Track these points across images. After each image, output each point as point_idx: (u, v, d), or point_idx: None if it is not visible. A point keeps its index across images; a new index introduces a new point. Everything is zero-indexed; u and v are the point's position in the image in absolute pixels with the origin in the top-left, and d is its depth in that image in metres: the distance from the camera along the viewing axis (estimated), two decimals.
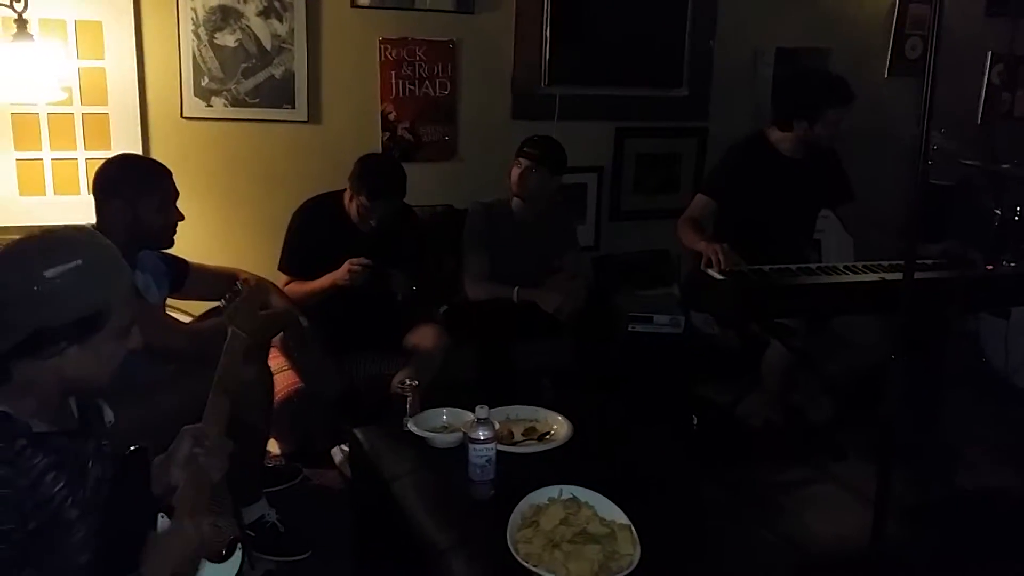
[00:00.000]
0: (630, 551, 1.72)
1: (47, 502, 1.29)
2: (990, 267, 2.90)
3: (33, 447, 1.29)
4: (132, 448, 1.57)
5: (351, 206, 3.00)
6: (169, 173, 2.47)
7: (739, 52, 4.26)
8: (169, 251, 2.56)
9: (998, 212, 3.53)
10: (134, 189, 2.37)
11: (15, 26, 2.72)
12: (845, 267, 2.85)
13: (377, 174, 2.98)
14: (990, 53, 4.67)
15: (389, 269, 2.99)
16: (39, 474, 1.28)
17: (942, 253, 2.89)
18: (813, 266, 2.90)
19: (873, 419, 1.77)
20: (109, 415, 1.55)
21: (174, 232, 2.49)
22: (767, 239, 2.97)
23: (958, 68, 4.29)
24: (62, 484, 1.31)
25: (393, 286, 3.01)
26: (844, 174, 3.24)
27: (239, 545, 1.54)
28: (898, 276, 2.58)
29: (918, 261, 2.21)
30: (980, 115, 4.76)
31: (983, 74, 4.71)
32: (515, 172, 3.25)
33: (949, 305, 2.78)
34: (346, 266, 2.88)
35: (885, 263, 2.84)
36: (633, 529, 1.78)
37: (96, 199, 2.40)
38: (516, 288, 3.20)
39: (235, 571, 1.51)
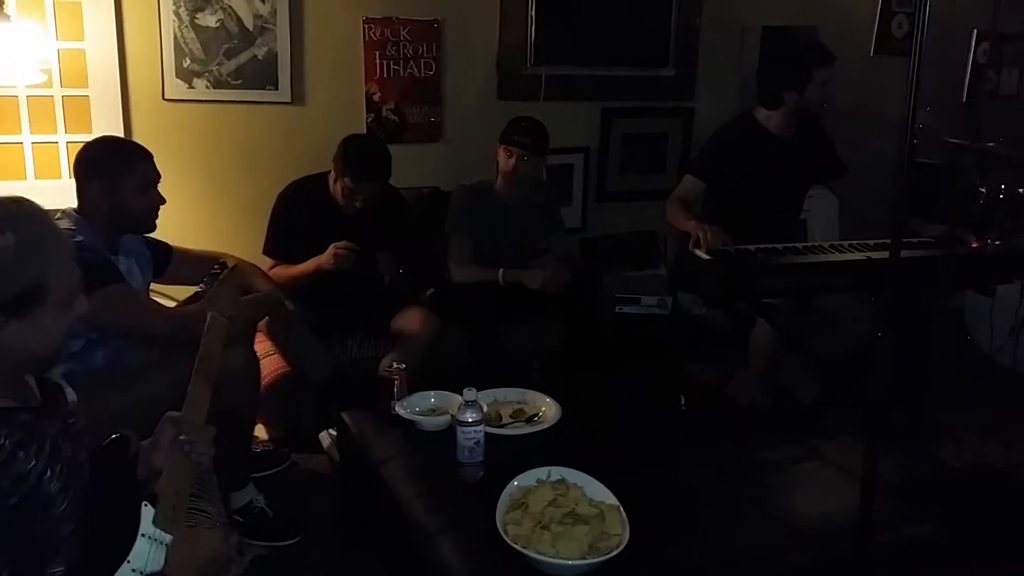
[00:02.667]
0: (619, 531, 1.73)
1: (23, 477, 1.27)
2: (975, 245, 2.91)
3: None
4: (113, 436, 1.56)
5: (336, 188, 2.97)
6: (150, 156, 2.44)
7: (726, 31, 4.24)
8: (152, 235, 2.53)
9: (983, 190, 3.54)
10: (114, 172, 2.34)
11: None
12: (831, 246, 2.85)
13: (362, 155, 2.95)
14: (975, 31, 4.67)
15: (375, 252, 2.97)
16: (10, 452, 1.27)
17: (930, 233, 2.90)
18: (799, 245, 2.90)
19: (859, 397, 1.77)
20: (71, 394, 1.53)
21: (156, 216, 2.45)
22: (755, 219, 2.97)
23: (944, 46, 4.29)
24: (34, 460, 1.29)
25: (379, 269, 2.99)
26: (833, 148, 3.24)
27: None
28: (884, 255, 2.60)
29: (906, 239, 2.22)
30: (965, 93, 4.77)
31: (968, 52, 4.71)
32: (506, 161, 3.22)
33: (934, 283, 2.80)
34: (331, 250, 2.86)
35: (871, 242, 2.85)
36: (622, 509, 1.79)
37: (77, 182, 2.37)
38: (501, 270, 3.19)
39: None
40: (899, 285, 1.79)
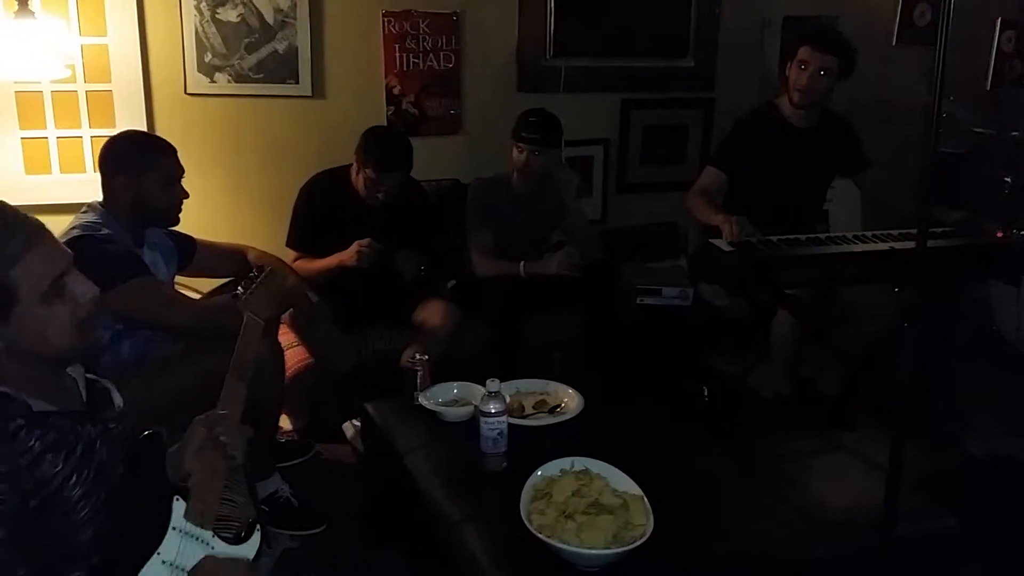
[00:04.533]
0: (643, 521, 1.73)
1: (47, 481, 1.29)
2: (1000, 235, 2.88)
3: (30, 427, 1.29)
4: (146, 432, 1.58)
5: (358, 180, 2.99)
6: (173, 151, 2.46)
7: (746, 21, 4.21)
8: (175, 228, 2.56)
9: (1008, 180, 3.50)
10: (138, 167, 2.36)
11: (16, 3, 2.71)
12: (854, 236, 2.84)
13: (384, 146, 2.97)
14: (999, 20, 4.61)
15: (397, 250, 2.99)
16: (38, 454, 1.28)
17: (955, 222, 2.87)
18: (822, 236, 2.88)
19: (883, 388, 1.76)
20: (118, 399, 1.55)
21: (179, 210, 2.48)
22: (777, 210, 2.95)
23: (968, 35, 4.24)
24: (61, 465, 1.31)
25: (400, 267, 3.00)
26: (859, 142, 3.22)
27: (257, 527, 1.55)
28: (907, 245, 2.59)
29: (930, 229, 2.18)
30: (989, 82, 4.72)
31: (993, 41, 4.65)
32: (518, 157, 3.22)
33: (959, 273, 2.78)
34: (354, 247, 2.87)
35: (894, 232, 2.83)
36: (646, 499, 1.78)
37: (102, 176, 2.40)
38: (522, 263, 3.19)
39: (253, 552, 1.52)
40: (924, 275, 1.77)
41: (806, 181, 3.18)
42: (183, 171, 2.46)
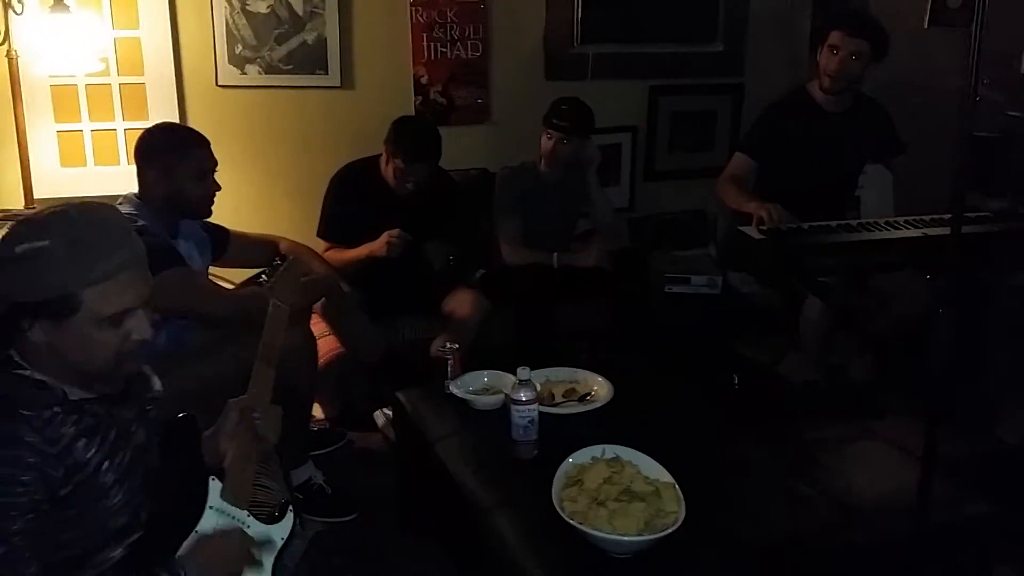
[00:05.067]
0: (675, 508, 1.74)
1: (80, 467, 1.31)
2: None
3: (65, 414, 1.31)
4: (180, 415, 1.61)
5: (387, 170, 3.01)
6: (206, 143, 2.48)
7: (775, 5, 4.17)
8: (208, 219, 2.59)
9: None
10: (170, 159, 2.39)
11: None
12: (886, 223, 2.81)
13: (413, 136, 2.99)
14: None
15: (426, 241, 3.01)
16: (70, 440, 1.30)
17: (992, 210, 2.84)
18: (853, 222, 2.86)
19: (915, 375, 1.76)
20: (157, 384, 1.58)
21: (211, 202, 2.50)
22: (808, 196, 2.93)
23: (1001, 17, 4.16)
24: (95, 450, 1.33)
25: (430, 258, 3.02)
26: (892, 126, 3.19)
27: (290, 508, 1.58)
28: (940, 231, 2.56)
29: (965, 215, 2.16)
30: None
31: None
32: (547, 144, 3.22)
33: (993, 258, 2.74)
34: (384, 238, 2.90)
35: (927, 218, 2.80)
36: (677, 487, 1.79)
37: (137, 168, 2.44)
38: (555, 254, 3.20)
39: (286, 533, 1.55)
40: (959, 261, 1.76)
41: (837, 167, 3.15)
42: (215, 163, 2.49)
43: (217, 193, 2.51)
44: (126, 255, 1.33)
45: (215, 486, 1.47)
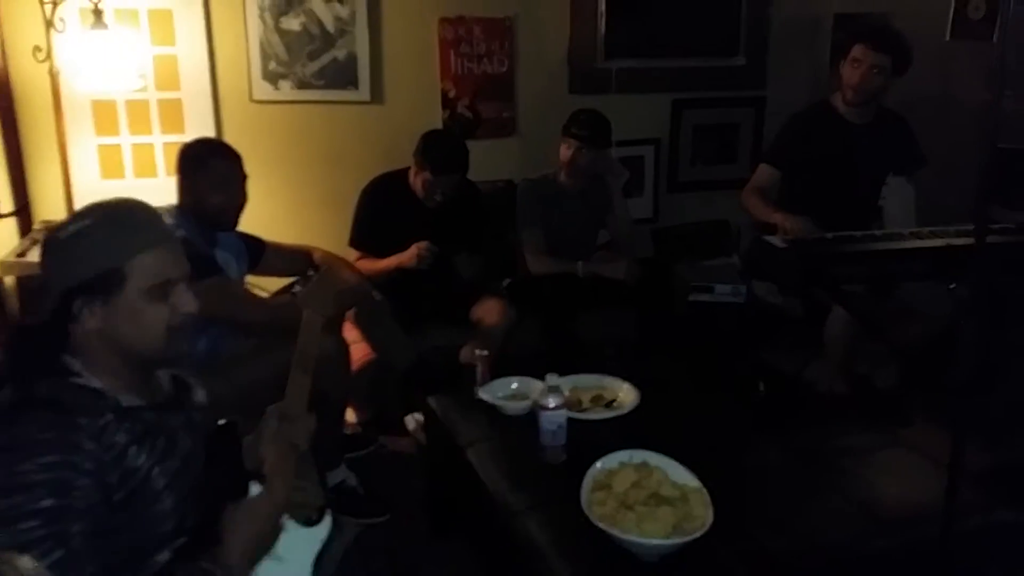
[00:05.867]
0: (702, 513, 1.76)
1: (133, 472, 1.35)
2: None
3: (118, 421, 1.35)
4: (222, 422, 1.66)
5: (416, 182, 3.07)
6: (231, 154, 2.53)
7: (797, 19, 4.20)
8: (244, 229, 2.65)
9: None
10: (190, 169, 2.46)
11: (92, 16, 2.85)
12: (910, 233, 2.83)
13: (441, 150, 3.05)
14: None
15: (454, 253, 3.06)
16: (123, 447, 1.34)
17: (1017, 223, 2.85)
18: (877, 232, 2.88)
19: (940, 384, 1.78)
20: (201, 395, 1.62)
21: (237, 214, 2.54)
22: (831, 206, 2.96)
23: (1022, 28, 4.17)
24: (146, 456, 1.37)
25: (459, 269, 3.08)
26: (914, 139, 3.21)
27: (328, 511, 1.63)
28: (963, 241, 2.57)
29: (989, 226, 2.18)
30: None
31: None
32: (566, 153, 3.28)
33: (1017, 270, 2.75)
34: (412, 249, 2.95)
35: (951, 229, 2.81)
36: (705, 492, 1.82)
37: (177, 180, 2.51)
38: (580, 263, 3.25)
39: (325, 535, 1.59)
40: (984, 271, 1.78)
41: (860, 178, 3.17)
42: (243, 175, 2.53)
43: (252, 204, 2.57)
44: (160, 230, 1.42)
45: (255, 490, 1.52)
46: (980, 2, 4.40)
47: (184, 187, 2.47)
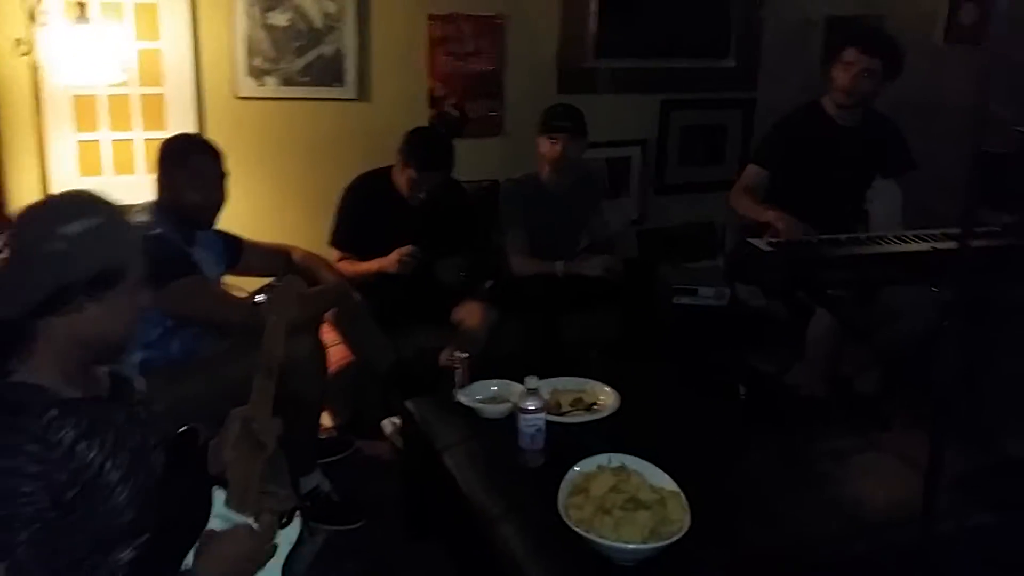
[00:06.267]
0: (680, 517, 1.75)
1: (84, 468, 1.33)
2: None
3: (63, 417, 1.33)
4: (182, 428, 1.64)
5: (400, 179, 3.05)
6: (211, 151, 2.50)
7: (788, 21, 4.20)
8: (223, 227, 2.63)
9: None
10: (169, 166, 2.44)
11: (76, 9, 2.81)
12: (895, 236, 2.82)
13: (425, 146, 3.03)
14: None
15: (437, 258, 3.04)
16: (71, 443, 1.32)
17: (1002, 225, 2.84)
18: (862, 236, 2.87)
19: (922, 388, 1.76)
20: (140, 384, 1.60)
21: (216, 212, 2.52)
22: (817, 208, 2.95)
23: (1014, 32, 4.17)
24: (96, 450, 1.35)
25: (441, 275, 3.05)
26: (904, 142, 3.20)
27: (297, 512, 1.60)
28: (948, 245, 2.56)
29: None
30: None
31: None
32: (552, 148, 3.26)
33: (1002, 273, 2.74)
34: (395, 255, 2.93)
35: (936, 232, 2.81)
36: (683, 496, 1.81)
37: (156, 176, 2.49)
38: (560, 263, 3.23)
39: (295, 536, 1.56)
40: (967, 275, 1.77)
41: (847, 180, 3.17)
42: (223, 173, 2.50)
43: (234, 202, 2.54)
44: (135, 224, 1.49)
45: (219, 495, 1.50)
46: (972, 7, 4.41)
47: (163, 183, 2.45)
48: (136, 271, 1.41)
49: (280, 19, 3.32)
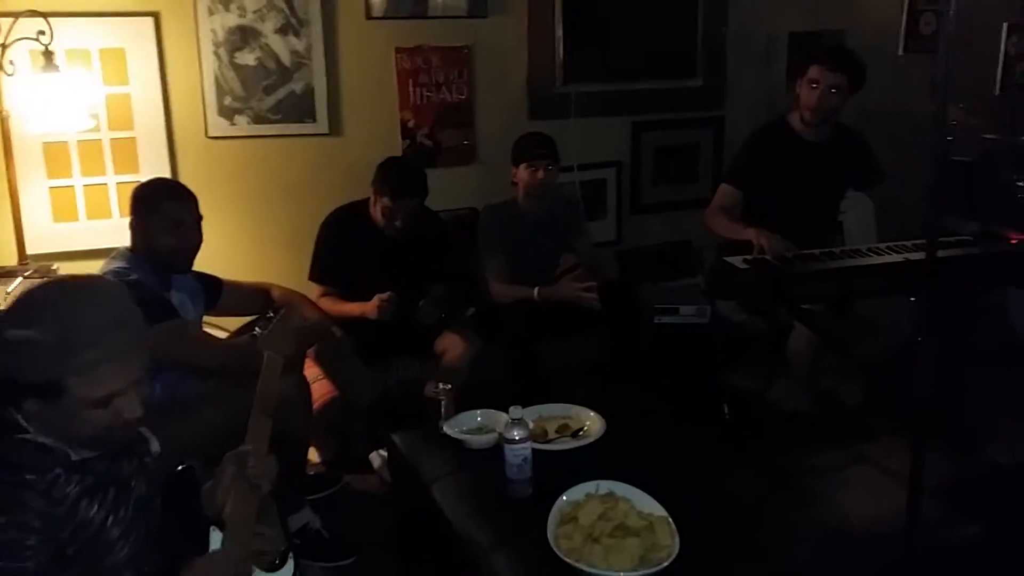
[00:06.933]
0: (669, 542, 1.76)
1: (86, 525, 1.34)
2: (1014, 240, 2.89)
3: (68, 474, 1.34)
4: (180, 467, 1.63)
5: (375, 210, 3.06)
6: (185, 196, 2.50)
7: (752, 39, 4.26)
8: (200, 269, 2.62)
9: (1021, 184, 3.51)
10: (143, 211, 2.44)
11: (43, 58, 2.81)
12: (869, 249, 2.86)
13: (398, 174, 3.04)
14: (1006, 24, 4.62)
15: (416, 301, 3.05)
16: (74, 500, 1.33)
17: (970, 232, 2.89)
18: (837, 250, 2.90)
19: (903, 399, 1.78)
20: (155, 446, 1.59)
21: (191, 255, 2.51)
22: (791, 224, 2.98)
23: (974, 41, 4.26)
24: (98, 507, 1.36)
25: (422, 318, 3.05)
26: (871, 154, 3.25)
27: (291, 554, 1.60)
28: (921, 255, 2.60)
29: (943, 239, 2.20)
30: (998, 87, 4.72)
31: (999, 46, 4.66)
32: (533, 176, 3.28)
33: (974, 281, 2.78)
34: (375, 301, 2.92)
35: (909, 243, 2.85)
36: (671, 520, 1.81)
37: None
38: (536, 288, 3.24)
39: None
40: (937, 285, 1.80)
41: (819, 195, 3.21)
42: (198, 216, 2.50)
43: (209, 241, 2.54)
44: (117, 342, 1.34)
45: (215, 536, 1.49)
46: (931, 17, 4.50)
47: (137, 230, 2.44)
48: (89, 388, 1.32)
49: (248, 58, 3.33)
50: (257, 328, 1.88)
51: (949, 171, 1.82)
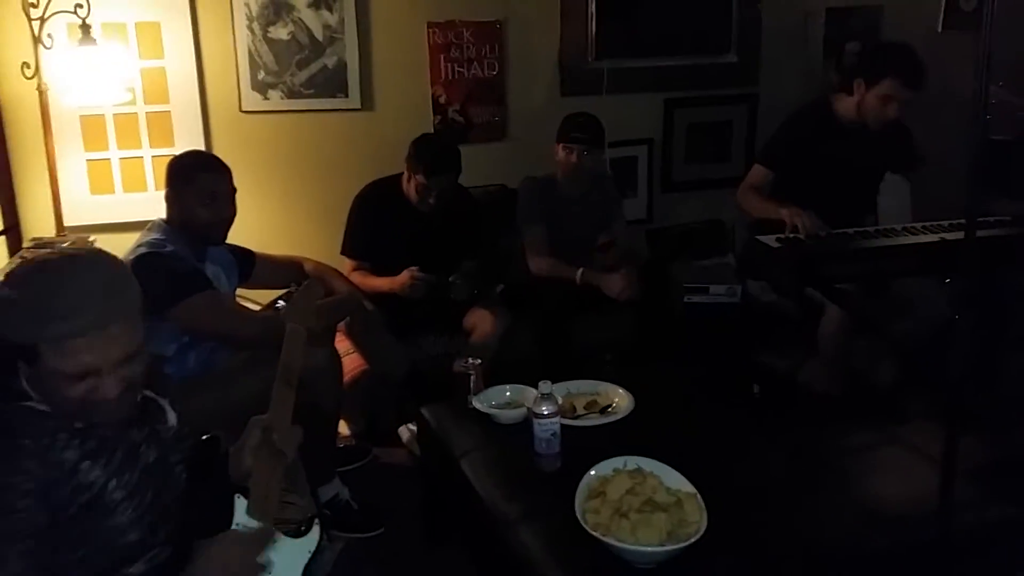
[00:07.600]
0: (697, 518, 1.75)
1: (86, 488, 1.35)
2: None
3: (69, 439, 1.35)
4: (205, 436, 1.65)
5: (409, 187, 3.06)
6: (219, 167, 2.50)
7: (788, 14, 4.19)
8: (234, 241, 2.64)
9: None
10: (177, 183, 2.44)
11: (80, 31, 2.84)
12: (904, 229, 2.82)
13: (433, 151, 3.04)
14: None
15: (448, 279, 3.05)
16: (74, 463, 1.34)
17: (1013, 213, 2.83)
18: (871, 229, 2.86)
19: (936, 381, 1.76)
20: (172, 419, 1.61)
21: (226, 228, 2.52)
22: (827, 205, 2.94)
23: (1015, 17, 4.15)
24: (100, 471, 1.37)
25: (455, 295, 3.06)
26: (911, 139, 3.18)
27: (316, 521, 1.62)
28: (958, 235, 2.56)
29: (982, 218, 2.16)
30: None
31: None
32: (567, 157, 3.26)
33: (1013, 262, 2.73)
34: (405, 276, 2.93)
35: (945, 223, 2.80)
36: (699, 497, 1.81)
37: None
38: (580, 270, 3.22)
39: (313, 546, 1.58)
40: (975, 265, 1.77)
41: (858, 180, 3.15)
42: (232, 189, 2.51)
43: (243, 216, 2.55)
44: (90, 319, 1.31)
45: (240, 504, 1.51)
46: None
47: (172, 202, 2.46)
48: (61, 362, 1.30)
49: (281, 33, 3.35)
50: (280, 300, 1.89)
51: (988, 150, 1.78)
